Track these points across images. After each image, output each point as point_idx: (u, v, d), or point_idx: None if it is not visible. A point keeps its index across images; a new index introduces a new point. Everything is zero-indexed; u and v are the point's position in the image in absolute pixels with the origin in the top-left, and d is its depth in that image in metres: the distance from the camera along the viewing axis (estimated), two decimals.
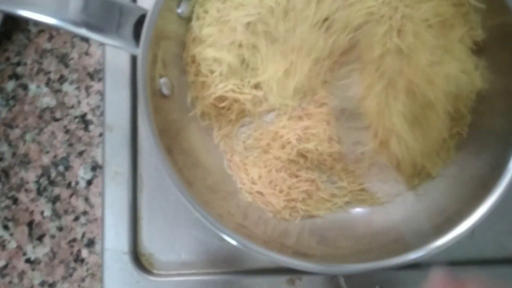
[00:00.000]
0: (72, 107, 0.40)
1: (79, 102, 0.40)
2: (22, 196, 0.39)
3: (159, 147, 0.29)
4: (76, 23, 0.30)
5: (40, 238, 0.38)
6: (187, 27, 0.35)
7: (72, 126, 0.40)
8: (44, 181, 0.39)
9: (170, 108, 0.33)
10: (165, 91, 0.33)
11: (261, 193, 0.34)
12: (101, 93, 0.40)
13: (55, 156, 0.39)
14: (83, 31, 0.30)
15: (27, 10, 0.29)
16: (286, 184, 0.33)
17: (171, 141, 0.32)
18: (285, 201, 0.33)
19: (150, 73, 0.31)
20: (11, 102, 0.41)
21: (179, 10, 0.34)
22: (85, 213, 0.39)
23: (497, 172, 0.30)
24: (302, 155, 0.34)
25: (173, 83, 0.34)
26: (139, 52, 0.30)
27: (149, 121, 0.29)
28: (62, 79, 0.41)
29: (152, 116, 0.29)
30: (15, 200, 0.39)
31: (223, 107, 0.35)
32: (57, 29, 0.40)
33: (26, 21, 0.41)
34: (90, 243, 0.38)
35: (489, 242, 0.38)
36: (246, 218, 0.33)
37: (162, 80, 0.33)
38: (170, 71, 0.34)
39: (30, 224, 0.39)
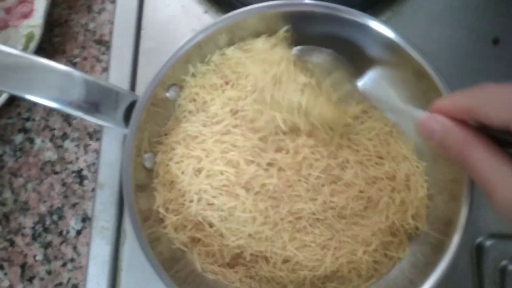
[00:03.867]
0: (71, 162, 0.45)
1: (77, 159, 0.45)
2: (18, 240, 0.44)
3: (134, 214, 0.34)
4: (77, 107, 0.35)
5: (31, 280, 0.43)
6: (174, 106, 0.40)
7: (69, 180, 0.45)
8: (39, 228, 0.44)
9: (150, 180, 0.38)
10: (148, 164, 0.38)
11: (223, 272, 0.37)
12: (97, 152, 0.45)
13: (51, 206, 0.44)
14: (82, 115, 0.35)
15: (35, 96, 0.34)
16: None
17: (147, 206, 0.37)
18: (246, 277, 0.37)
19: (136, 150, 0.36)
20: (18, 154, 0.46)
21: (167, 94, 0.39)
22: (72, 260, 0.43)
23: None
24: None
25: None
26: (127, 133, 0.35)
27: (129, 191, 0.34)
28: (64, 136, 0.46)
29: (133, 194, 0.34)
30: (12, 243, 0.44)
31: None
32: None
33: None
34: None
35: None
36: None
37: (147, 155, 0.38)
38: (154, 146, 0.39)
39: (23, 266, 0.43)
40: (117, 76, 0.46)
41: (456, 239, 0.34)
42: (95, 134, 0.46)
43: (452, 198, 0.36)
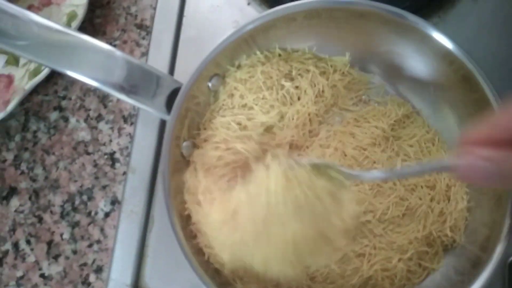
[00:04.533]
0: (104, 144, 0.45)
1: (110, 141, 0.45)
2: (47, 217, 0.44)
3: (170, 205, 0.34)
4: (118, 88, 0.35)
5: (56, 257, 0.43)
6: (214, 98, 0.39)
7: (101, 162, 0.45)
8: (68, 207, 0.44)
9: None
10: (186, 153, 0.37)
11: None
12: (131, 136, 0.44)
13: (81, 186, 0.44)
14: (123, 96, 0.35)
15: (76, 73, 0.34)
16: None
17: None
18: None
19: (176, 138, 0.36)
20: (52, 131, 0.46)
21: (209, 84, 0.38)
22: (98, 241, 0.43)
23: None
24: None
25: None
26: (168, 120, 0.35)
27: (166, 177, 0.34)
28: (99, 117, 0.46)
29: (169, 175, 0.34)
30: (40, 219, 0.44)
31: None
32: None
33: None
34: (99, 270, 0.42)
35: None
36: None
37: (185, 143, 0.37)
38: (192, 135, 0.38)
39: (49, 243, 0.43)
40: (156, 62, 0.46)
41: (496, 256, 0.33)
42: (130, 118, 0.45)
43: (493, 213, 0.35)
